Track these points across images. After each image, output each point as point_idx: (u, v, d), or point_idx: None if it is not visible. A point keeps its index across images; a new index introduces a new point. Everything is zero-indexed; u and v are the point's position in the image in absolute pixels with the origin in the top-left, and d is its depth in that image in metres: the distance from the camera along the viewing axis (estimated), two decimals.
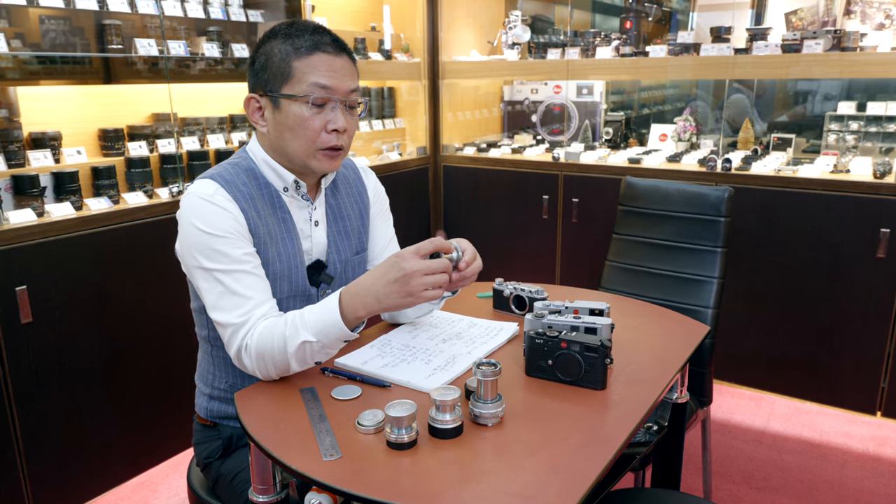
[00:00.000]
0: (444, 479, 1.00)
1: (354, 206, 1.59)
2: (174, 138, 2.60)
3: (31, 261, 2.01)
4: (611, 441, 1.09)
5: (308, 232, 1.48)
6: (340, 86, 1.37)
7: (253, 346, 1.29)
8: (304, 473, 1.01)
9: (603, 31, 3.48)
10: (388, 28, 3.48)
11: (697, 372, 1.94)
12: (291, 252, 1.43)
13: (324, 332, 1.27)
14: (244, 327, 1.30)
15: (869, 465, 2.45)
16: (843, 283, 2.66)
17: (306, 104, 1.35)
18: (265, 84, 1.38)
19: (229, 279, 1.31)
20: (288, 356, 1.27)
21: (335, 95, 1.36)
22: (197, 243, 1.32)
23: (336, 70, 1.36)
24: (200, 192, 1.34)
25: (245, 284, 1.32)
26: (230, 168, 1.41)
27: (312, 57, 1.35)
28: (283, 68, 1.35)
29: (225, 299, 1.31)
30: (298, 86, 1.35)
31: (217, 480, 1.48)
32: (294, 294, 1.45)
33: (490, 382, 1.13)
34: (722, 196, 1.98)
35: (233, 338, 1.31)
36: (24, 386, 2.02)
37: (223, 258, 1.31)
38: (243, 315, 1.31)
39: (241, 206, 1.36)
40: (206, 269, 1.32)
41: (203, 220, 1.31)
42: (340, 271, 1.52)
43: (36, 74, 2.16)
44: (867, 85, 3.17)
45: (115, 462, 2.30)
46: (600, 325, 1.33)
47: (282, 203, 1.43)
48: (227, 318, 1.31)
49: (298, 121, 1.36)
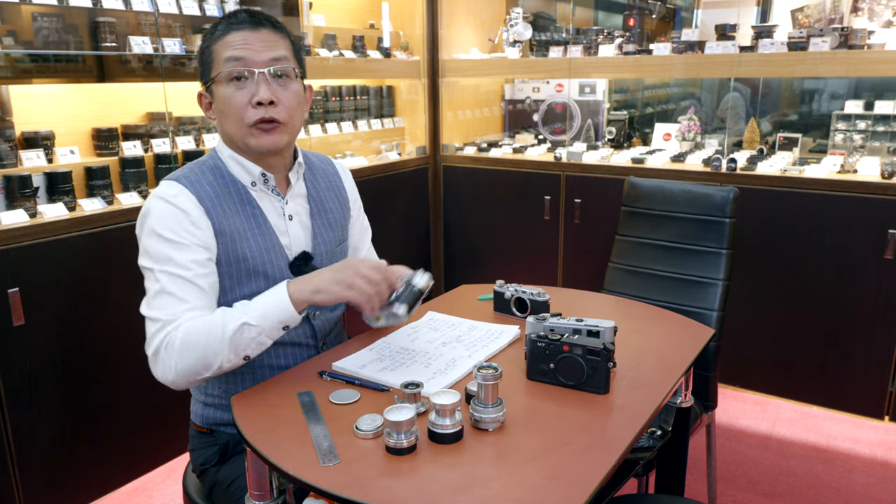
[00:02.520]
0: (443, 485, 0.99)
1: (335, 200, 1.60)
2: (169, 138, 2.58)
3: (23, 262, 1.99)
4: (614, 446, 1.08)
5: (283, 227, 1.47)
6: (256, 56, 1.36)
7: (178, 339, 1.26)
8: (302, 479, 1.00)
9: (606, 28, 3.47)
10: (387, 25, 3.47)
11: (702, 375, 1.93)
12: (265, 247, 1.43)
13: (266, 315, 1.28)
14: (170, 325, 1.28)
15: (877, 470, 2.43)
16: (851, 286, 2.65)
17: (226, 82, 1.36)
18: (203, 78, 1.41)
19: (168, 280, 1.30)
20: (223, 341, 1.26)
21: (252, 67, 1.36)
22: (148, 245, 1.33)
23: (251, 42, 1.37)
24: (163, 193, 1.36)
25: (183, 289, 1.31)
26: (196, 168, 1.42)
27: (227, 37, 1.37)
28: (206, 56, 1.39)
29: (160, 298, 1.30)
30: (217, 68, 1.37)
31: (213, 487, 1.48)
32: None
33: (491, 386, 1.12)
34: (727, 197, 1.96)
35: (156, 334, 1.29)
36: (17, 390, 2.00)
37: (168, 262, 1.31)
38: (173, 315, 1.29)
39: (205, 206, 1.36)
40: (148, 268, 1.32)
41: (159, 222, 1.33)
42: (325, 262, 1.52)
43: (28, 73, 2.15)
44: (875, 83, 3.16)
45: (110, 467, 2.28)
46: (603, 328, 1.33)
47: (250, 198, 1.43)
48: (156, 314, 1.30)
49: (224, 101, 1.37)
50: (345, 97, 3.40)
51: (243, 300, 1.35)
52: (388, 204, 3.40)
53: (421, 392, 1.19)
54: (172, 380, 1.29)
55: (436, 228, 3.74)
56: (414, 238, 3.63)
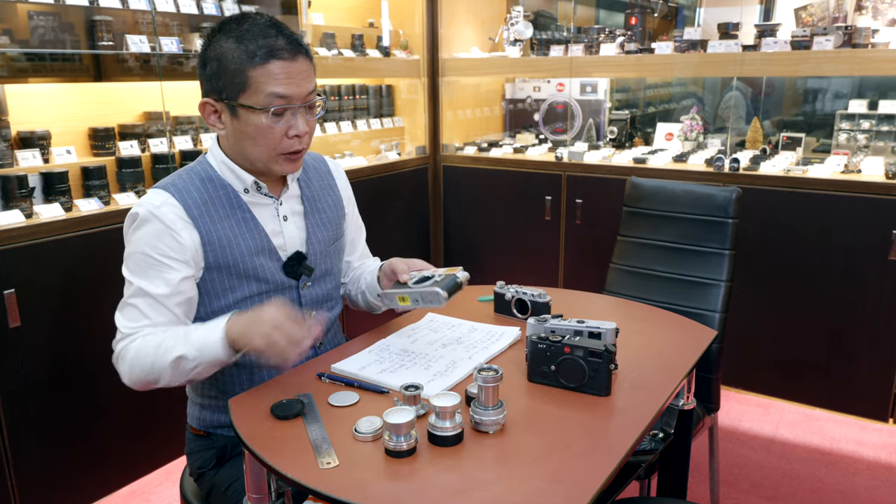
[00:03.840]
0: (443, 488, 0.99)
1: (328, 198, 1.59)
2: (167, 137, 2.57)
3: (19, 263, 1.98)
4: (615, 449, 1.08)
5: (278, 228, 1.47)
6: (299, 91, 1.34)
7: (130, 353, 1.31)
8: (300, 482, 1.00)
9: (607, 27, 3.46)
10: (387, 24, 3.46)
11: (704, 378, 1.92)
12: (255, 250, 1.42)
13: (203, 350, 1.28)
14: (127, 338, 1.33)
15: (881, 473, 2.42)
16: (854, 287, 2.63)
17: (265, 114, 1.33)
18: (220, 91, 1.35)
19: (136, 293, 1.34)
20: (165, 366, 1.28)
21: (295, 102, 1.34)
22: (128, 256, 1.36)
23: (294, 76, 1.33)
24: (147, 202, 1.35)
25: (147, 304, 1.33)
26: (184, 175, 1.41)
27: (269, 65, 1.31)
28: (238, 77, 1.32)
29: (127, 308, 1.35)
30: (256, 97, 1.32)
31: (211, 490, 1.47)
32: (267, 291, 1.45)
33: (491, 388, 1.12)
34: (730, 197, 1.96)
35: (117, 342, 1.35)
36: (12, 392, 1.99)
37: (142, 278, 1.33)
38: (134, 329, 1.33)
39: (191, 215, 1.35)
40: (126, 277, 1.36)
41: (141, 238, 1.34)
42: (319, 261, 1.52)
43: (24, 72, 2.14)
44: (879, 82, 3.15)
45: (106, 470, 2.27)
46: (604, 330, 1.33)
47: (241, 203, 1.42)
48: (122, 324, 1.35)
49: (259, 130, 1.34)
50: (344, 96, 3.39)
51: (198, 323, 1.37)
52: (388, 205, 3.39)
53: (421, 394, 1.18)
54: (129, 385, 1.34)
55: (436, 229, 3.73)
56: (414, 239, 3.62)
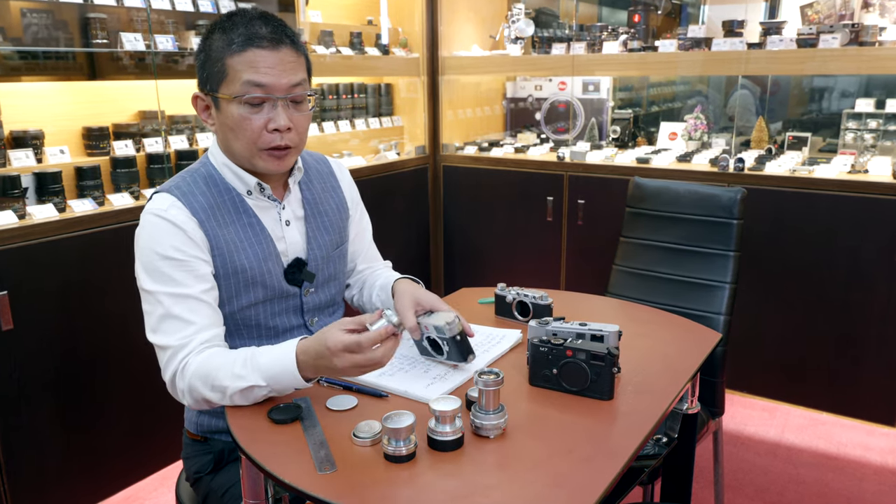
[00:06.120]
0: (443, 494, 0.99)
1: (331, 201, 1.55)
2: (162, 137, 2.56)
3: (12, 265, 1.98)
4: (618, 454, 1.07)
5: (280, 233, 1.44)
6: (278, 82, 1.30)
7: (190, 370, 1.24)
8: (298, 487, 1.00)
9: (610, 24, 3.45)
10: (386, 22, 3.46)
11: (709, 381, 1.92)
12: (262, 256, 1.39)
13: (276, 378, 1.21)
14: (184, 350, 1.26)
15: (888, 478, 2.41)
16: (861, 289, 2.62)
17: (242, 104, 1.29)
18: (205, 82, 1.33)
19: (171, 302, 1.27)
20: (234, 391, 1.21)
21: (274, 93, 1.30)
22: (145, 262, 1.29)
23: (273, 65, 1.29)
24: (154, 207, 1.31)
25: (188, 308, 1.27)
26: (188, 177, 1.37)
27: (246, 53, 1.28)
28: (218, 66, 1.30)
29: (166, 323, 1.27)
30: (233, 85, 1.29)
31: (207, 496, 1.46)
32: (271, 297, 1.42)
33: (492, 392, 1.11)
34: (734, 197, 1.95)
35: (170, 361, 1.26)
36: (5, 396, 1.99)
37: (169, 282, 1.27)
38: (184, 339, 1.26)
39: (198, 218, 1.32)
40: (149, 290, 1.28)
41: (154, 240, 1.28)
42: (322, 267, 1.49)
43: (17, 70, 2.13)
44: (886, 81, 3.14)
45: (101, 475, 2.26)
46: (607, 333, 1.32)
47: (246, 207, 1.39)
48: (167, 341, 1.26)
49: (237, 121, 1.31)
50: (342, 95, 3.38)
51: (245, 349, 1.27)
52: (387, 205, 3.37)
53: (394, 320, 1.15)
54: (190, 405, 1.29)
55: (436, 230, 3.71)
56: (413, 240, 3.61)
